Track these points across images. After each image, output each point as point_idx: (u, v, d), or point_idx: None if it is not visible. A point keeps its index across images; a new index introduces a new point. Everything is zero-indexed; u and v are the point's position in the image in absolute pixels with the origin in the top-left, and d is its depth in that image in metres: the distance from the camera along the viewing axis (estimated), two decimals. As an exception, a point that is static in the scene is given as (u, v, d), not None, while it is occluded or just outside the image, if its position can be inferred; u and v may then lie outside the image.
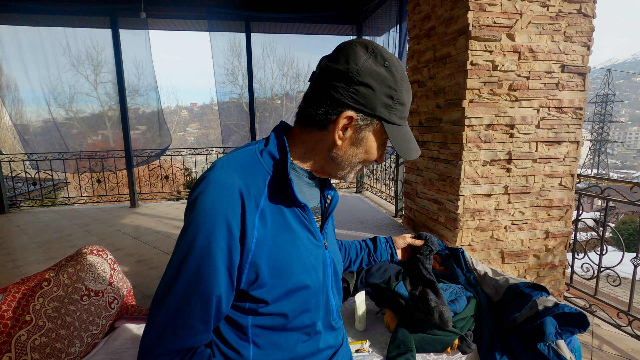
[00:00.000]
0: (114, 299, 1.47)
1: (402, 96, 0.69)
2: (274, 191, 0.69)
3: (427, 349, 1.32)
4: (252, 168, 0.69)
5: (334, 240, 0.88)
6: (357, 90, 0.66)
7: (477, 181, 2.30)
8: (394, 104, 0.68)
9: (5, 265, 3.14)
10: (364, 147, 0.72)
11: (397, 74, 0.68)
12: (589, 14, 2.28)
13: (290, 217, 0.71)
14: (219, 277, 0.62)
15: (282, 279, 0.68)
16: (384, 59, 0.67)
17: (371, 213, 3.67)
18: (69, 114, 5.34)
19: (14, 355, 1.07)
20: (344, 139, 0.70)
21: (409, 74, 3.03)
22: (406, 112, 0.71)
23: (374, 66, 0.66)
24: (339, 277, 0.86)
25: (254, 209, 0.65)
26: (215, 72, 5.23)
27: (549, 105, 2.31)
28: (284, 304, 0.70)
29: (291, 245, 0.70)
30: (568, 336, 1.25)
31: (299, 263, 0.70)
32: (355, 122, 0.68)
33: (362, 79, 0.65)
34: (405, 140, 0.71)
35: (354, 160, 0.73)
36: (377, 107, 0.67)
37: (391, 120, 0.69)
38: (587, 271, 2.46)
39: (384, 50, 0.69)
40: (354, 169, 0.76)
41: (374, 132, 0.71)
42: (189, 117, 58.07)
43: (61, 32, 4.89)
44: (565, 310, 1.25)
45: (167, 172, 5.91)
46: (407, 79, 0.70)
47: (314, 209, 0.80)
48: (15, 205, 5.37)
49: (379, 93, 0.67)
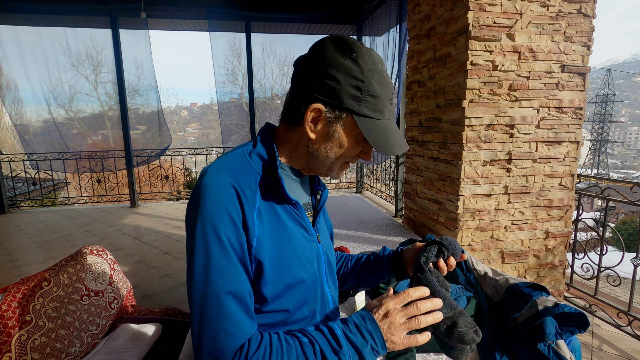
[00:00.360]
0: (114, 299, 1.47)
1: (371, 87, 0.67)
2: (266, 190, 0.72)
3: (427, 349, 1.32)
4: (242, 170, 0.71)
5: (326, 234, 0.90)
6: (324, 83, 0.67)
7: (477, 181, 2.30)
8: (363, 96, 0.67)
9: (5, 265, 3.14)
10: (336, 141, 0.71)
11: (365, 65, 0.66)
12: (589, 14, 2.28)
13: (283, 214, 0.73)
14: (239, 269, 0.65)
15: (280, 274, 0.70)
16: (352, 51, 0.67)
17: (371, 213, 3.67)
18: (69, 114, 5.34)
19: (14, 355, 1.07)
20: (316, 132, 0.71)
21: (409, 74, 3.03)
22: (381, 104, 0.69)
23: (340, 58, 0.66)
24: (333, 269, 0.88)
25: (251, 207, 0.68)
26: (215, 72, 5.23)
27: (549, 105, 2.31)
28: (284, 299, 0.72)
29: (287, 242, 0.72)
30: (568, 336, 1.25)
31: (295, 258, 0.73)
32: (324, 114, 0.68)
33: (327, 71, 0.67)
34: (384, 134, 0.69)
35: (329, 154, 0.72)
36: (344, 99, 0.67)
37: (362, 112, 0.68)
38: (587, 271, 2.46)
39: (355, 43, 0.68)
40: (334, 165, 0.75)
41: (345, 125, 0.70)
42: (189, 117, 58.08)
43: (61, 32, 4.89)
44: (565, 310, 1.25)
45: (167, 172, 5.91)
46: (381, 71, 0.68)
47: (306, 205, 0.83)
48: (15, 205, 5.37)
49: (345, 84, 0.66)
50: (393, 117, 0.74)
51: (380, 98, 0.68)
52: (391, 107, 0.72)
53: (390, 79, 0.71)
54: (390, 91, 0.71)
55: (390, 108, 0.72)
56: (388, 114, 0.71)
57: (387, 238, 2.80)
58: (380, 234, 2.90)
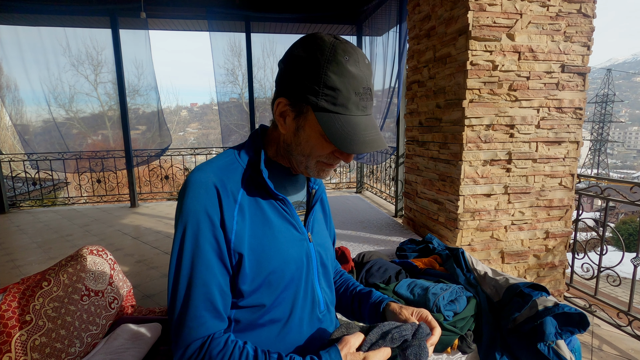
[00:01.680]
0: (114, 299, 1.47)
1: (329, 80, 0.63)
2: (252, 187, 0.73)
3: (427, 349, 1.32)
4: (229, 167, 0.73)
5: (323, 234, 0.89)
6: (285, 77, 0.69)
7: (477, 181, 2.30)
8: (321, 88, 0.64)
9: (5, 265, 3.14)
10: (305, 136, 0.69)
11: (322, 57, 0.64)
12: (589, 14, 2.28)
13: (269, 210, 0.74)
14: (213, 267, 0.67)
15: (259, 268, 0.71)
16: (314, 44, 0.65)
17: (371, 213, 3.67)
18: (69, 114, 5.34)
19: (14, 355, 1.07)
20: (285, 126, 0.71)
21: (409, 74, 3.03)
22: (343, 98, 0.64)
23: (299, 51, 0.67)
24: (328, 269, 0.87)
25: (232, 203, 0.70)
26: (215, 72, 5.22)
27: (549, 105, 2.31)
28: (262, 295, 0.72)
29: (270, 238, 0.73)
30: (568, 336, 1.26)
31: (277, 254, 0.73)
32: (288, 108, 0.69)
33: (288, 65, 0.68)
34: (345, 129, 0.65)
35: (300, 151, 0.71)
36: (301, 92, 0.66)
37: (320, 106, 0.65)
38: (587, 271, 2.46)
39: (318, 36, 0.67)
40: (309, 163, 0.72)
41: (309, 120, 0.68)
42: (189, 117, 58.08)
43: (61, 32, 4.88)
44: (565, 310, 1.25)
45: (167, 172, 5.91)
46: (341, 63, 0.63)
47: (299, 203, 0.83)
48: (15, 205, 5.37)
49: (301, 77, 0.65)
50: (365, 112, 0.68)
51: (341, 91, 0.64)
52: (366, 102, 0.67)
53: (361, 72, 0.65)
54: (358, 84, 0.65)
55: (364, 103, 0.67)
56: (355, 109, 0.66)
57: (387, 238, 2.80)
58: (380, 234, 2.90)
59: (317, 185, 0.88)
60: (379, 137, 0.69)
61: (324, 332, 0.83)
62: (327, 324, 0.84)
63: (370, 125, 0.68)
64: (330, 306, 0.87)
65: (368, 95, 0.67)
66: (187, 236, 0.67)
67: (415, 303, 1.46)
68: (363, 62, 0.66)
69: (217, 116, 5.69)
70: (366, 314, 0.88)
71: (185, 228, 0.67)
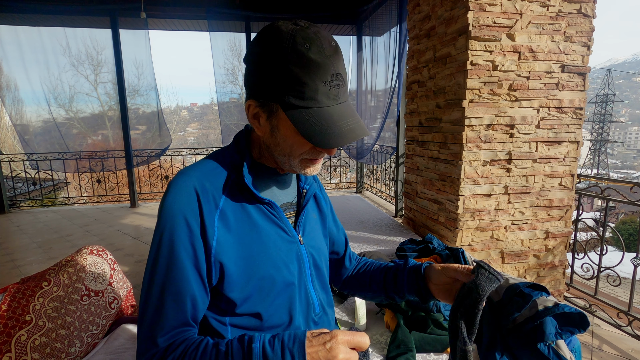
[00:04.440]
0: (114, 299, 1.47)
1: (293, 74, 0.59)
2: (236, 191, 0.70)
3: (427, 349, 1.32)
4: (212, 172, 0.70)
5: (316, 235, 0.85)
6: (250, 77, 0.65)
7: (477, 181, 2.30)
8: (285, 85, 0.60)
9: (5, 265, 3.14)
10: (280, 136, 0.66)
11: (282, 50, 0.59)
12: (589, 14, 2.28)
13: (256, 215, 0.71)
14: (188, 275, 0.64)
15: (249, 276, 0.69)
16: (271, 38, 0.61)
17: (371, 213, 3.67)
18: (69, 114, 5.34)
19: (14, 355, 1.07)
20: (260, 128, 0.68)
21: (409, 74, 3.03)
22: (310, 91, 0.59)
23: (258, 48, 0.62)
24: (322, 271, 0.84)
25: (212, 209, 0.67)
26: (215, 72, 5.22)
27: (549, 105, 2.31)
28: (255, 302, 0.70)
29: (258, 243, 0.70)
30: (568, 336, 1.25)
31: (266, 260, 0.71)
32: (259, 110, 0.65)
33: (250, 64, 0.64)
34: (318, 124, 0.61)
35: (280, 150, 0.68)
36: (268, 92, 0.62)
37: (289, 102, 0.61)
38: (587, 271, 2.46)
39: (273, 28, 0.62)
40: (292, 161, 0.69)
41: (281, 119, 0.64)
42: (189, 117, 58.07)
43: (61, 32, 4.88)
44: (565, 310, 1.25)
45: (167, 172, 5.91)
46: (302, 52, 0.58)
47: (288, 205, 0.80)
48: (15, 205, 5.37)
49: (264, 76, 0.62)
50: (338, 100, 0.63)
51: (306, 83, 0.59)
52: (337, 89, 0.62)
53: (326, 58, 0.59)
54: (324, 72, 0.59)
55: (335, 92, 0.62)
56: (326, 99, 0.61)
57: (387, 238, 2.80)
58: (380, 234, 2.90)
59: (309, 184, 0.84)
60: (358, 125, 0.63)
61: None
62: (324, 326, 0.83)
63: (347, 113, 0.63)
64: (327, 308, 0.86)
65: (339, 82, 0.62)
66: (164, 242, 0.64)
67: (416, 303, 1.46)
68: (328, 46, 0.60)
69: (217, 116, 5.69)
70: (404, 281, 0.82)
71: (162, 234, 0.65)
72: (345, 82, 0.64)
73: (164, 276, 0.64)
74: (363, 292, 0.94)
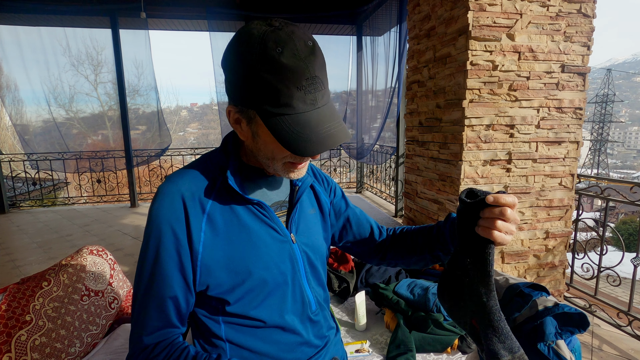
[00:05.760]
0: (114, 299, 1.47)
1: (265, 81, 0.56)
2: (224, 194, 0.71)
3: (427, 349, 1.32)
4: (199, 176, 0.71)
5: (312, 231, 0.83)
6: (227, 83, 0.65)
7: (477, 181, 2.30)
8: (259, 92, 0.58)
9: (5, 265, 3.14)
10: (261, 141, 0.65)
11: (252, 56, 0.56)
12: (589, 14, 2.28)
13: (245, 216, 0.72)
14: (172, 280, 0.67)
15: (239, 277, 0.70)
16: (242, 43, 0.58)
17: (371, 213, 3.67)
18: (69, 114, 5.34)
19: (14, 355, 1.07)
20: (242, 132, 0.68)
21: (409, 74, 3.03)
22: (285, 97, 0.57)
23: (231, 54, 0.61)
24: (317, 268, 0.84)
25: (199, 213, 0.68)
26: (215, 72, 5.22)
27: (549, 105, 2.31)
28: (246, 302, 0.71)
29: (248, 244, 0.71)
30: (568, 336, 1.25)
31: (257, 260, 0.71)
32: (239, 115, 0.65)
33: (225, 70, 0.64)
34: (294, 130, 0.58)
35: (262, 154, 0.68)
36: (243, 99, 0.61)
37: (265, 109, 0.59)
38: (587, 271, 2.46)
39: (248, 30, 0.59)
40: (275, 165, 0.68)
41: (261, 125, 0.63)
42: (189, 117, 58.07)
43: (61, 32, 4.88)
44: (565, 310, 1.25)
45: (167, 172, 5.91)
46: (274, 58, 0.55)
47: (280, 203, 0.79)
48: (15, 205, 5.37)
49: (238, 82, 0.61)
50: (315, 106, 0.60)
51: (279, 90, 0.57)
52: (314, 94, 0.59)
53: (300, 61, 0.56)
54: (298, 77, 0.56)
55: (311, 96, 0.58)
56: (302, 105, 0.58)
57: (387, 238, 2.80)
58: (380, 234, 2.90)
59: (301, 180, 0.81)
60: (339, 130, 0.61)
61: (319, 331, 0.83)
62: (320, 323, 0.83)
63: (325, 118, 0.60)
64: (324, 303, 0.86)
65: (316, 85, 0.58)
66: (150, 248, 0.67)
67: (415, 303, 1.46)
68: (303, 47, 0.57)
69: (217, 116, 5.69)
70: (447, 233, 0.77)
71: (149, 240, 0.67)
72: (323, 85, 0.60)
73: (147, 281, 0.67)
74: (406, 257, 0.88)
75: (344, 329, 1.49)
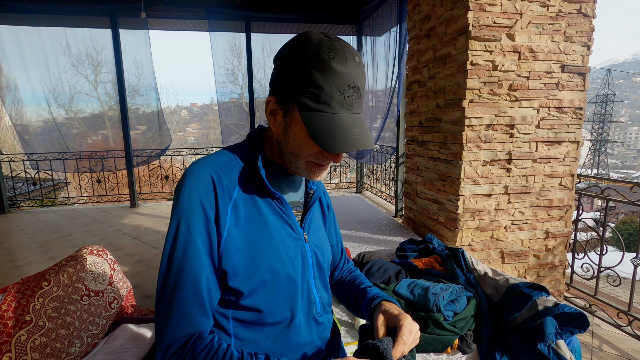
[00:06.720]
0: (114, 299, 1.47)
1: (312, 77, 0.63)
2: (248, 184, 0.73)
3: (427, 349, 1.32)
4: (227, 164, 0.73)
5: (320, 235, 0.87)
6: (274, 75, 0.69)
7: (477, 181, 2.30)
8: (304, 86, 0.64)
9: (5, 265, 3.14)
10: (292, 134, 0.69)
11: (306, 54, 0.63)
12: (589, 14, 2.28)
13: (265, 208, 0.74)
14: (203, 260, 0.66)
15: (255, 268, 0.70)
16: (300, 43, 0.65)
17: (371, 213, 3.67)
18: (69, 114, 5.34)
19: (14, 355, 1.07)
20: (276, 124, 0.71)
21: (409, 74, 3.03)
22: (326, 95, 0.63)
23: (287, 50, 0.67)
24: (324, 270, 0.86)
25: (227, 199, 0.70)
26: (215, 72, 5.22)
27: (549, 105, 2.31)
28: (259, 295, 0.71)
29: (266, 236, 0.72)
30: (568, 336, 1.26)
31: (273, 253, 0.72)
32: (277, 106, 0.69)
33: (277, 64, 0.69)
34: (326, 127, 0.64)
35: (289, 149, 0.71)
36: (287, 91, 0.66)
37: (305, 104, 0.65)
38: (587, 271, 2.46)
39: (305, 34, 0.66)
40: (298, 163, 0.71)
41: (295, 118, 0.67)
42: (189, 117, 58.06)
43: (61, 32, 4.88)
44: (565, 310, 1.25)
45: (167, 172, 5.91)
46: (325, 60, 0.62)
47: (296, 203, 0.82)
48: (15, 205, 5.37)
49: (287, 75, 0.66)
50: (351, 111, 0.66)
51: (323, 88, 0.63)
52: (352, 100, 0.65)
53: (347, 69, 0.63)
54: (342, 82, 0.63)
55: (349, 102, 0.65)
56: (339, 107, 0.65)
57: (387, 238, 2.80)
58: (380, 234, 2.90)
59: (316, 185, 0.87)
60: (365, 137, 0.66)
61: (322, 333, 0.83)
62: (324, 325, 0.84)
63: (356, 123, 0.66)
64: (327, 307, 0.87)
65: (355, 94, 0.65)
66: (181, 228, 0.66)
67: (415, 303, 1.46)
68: (352, 60, 0.64)
69: (217, 116, 5.69)
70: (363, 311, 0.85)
71: (180, 220, 0.67)
72: (361, 96, 0.67)
73: (180, 261, 0.65)
74: (343, 302, 0.98)
75: (344, 329, 1.49)
